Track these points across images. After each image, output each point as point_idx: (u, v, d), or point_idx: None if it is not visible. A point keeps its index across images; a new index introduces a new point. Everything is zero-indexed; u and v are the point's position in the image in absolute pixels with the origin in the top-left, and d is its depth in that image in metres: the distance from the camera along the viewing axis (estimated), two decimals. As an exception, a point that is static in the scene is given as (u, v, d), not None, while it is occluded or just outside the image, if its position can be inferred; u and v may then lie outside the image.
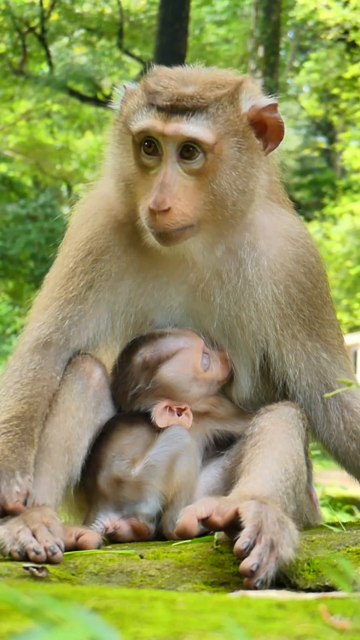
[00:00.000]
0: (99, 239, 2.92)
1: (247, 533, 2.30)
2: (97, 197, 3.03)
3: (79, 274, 2.90)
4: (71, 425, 2.77)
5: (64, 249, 3.00)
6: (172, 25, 18.83)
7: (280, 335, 2.91)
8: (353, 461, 2.95)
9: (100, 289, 2.89)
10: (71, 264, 2.92)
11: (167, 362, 2.89)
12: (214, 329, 2.92)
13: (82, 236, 2.94)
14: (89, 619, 1.23)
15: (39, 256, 25.46)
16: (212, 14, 29.33)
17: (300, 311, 2.91)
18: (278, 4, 19.59)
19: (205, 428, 2.93)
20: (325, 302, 2.97)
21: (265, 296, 2.89)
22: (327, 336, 2.95)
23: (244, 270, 2.88)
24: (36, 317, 2.93)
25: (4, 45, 27.56)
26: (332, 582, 2.36)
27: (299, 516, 2.71)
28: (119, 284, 2.90)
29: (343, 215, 29.18)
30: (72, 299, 2.88)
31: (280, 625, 1.50)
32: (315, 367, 2.92)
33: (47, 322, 2.88)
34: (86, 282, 2.89)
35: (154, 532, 2.78)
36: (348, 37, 26.63)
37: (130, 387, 2.90)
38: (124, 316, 2.91)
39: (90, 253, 2.91)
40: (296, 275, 2.92)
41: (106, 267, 2.89)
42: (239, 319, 2.90)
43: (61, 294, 2.90)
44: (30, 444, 2.63)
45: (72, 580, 2.33)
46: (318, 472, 3.32)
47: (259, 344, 2.92)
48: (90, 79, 27.11)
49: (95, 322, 2.90)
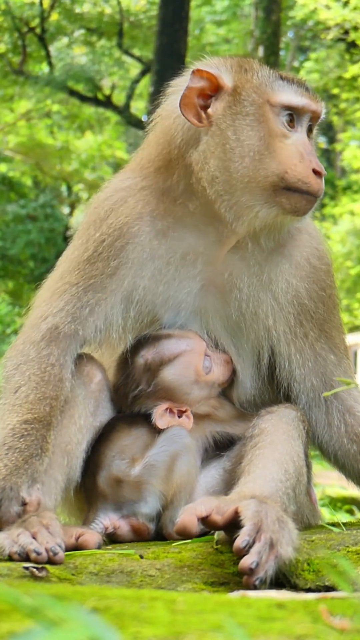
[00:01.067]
0: (132, 223, 2.86)
1: (247, 531, 2.30)
2: (121, 187, 2.95)
3: (104, 259, 2.83)
4: (72, 431, 2.76)
5: (88, 232, 2.90)
6: (172, 25, 18.81)
7: (293, 333, 2.91)
8: (353, 464, 2.96)
9: (122, 277, 2.84)
10: (98, 248, 2.84)
11: (169, 364, 2.89)
12: (223, 324, 2.91)
13: (114, 222, 2.87)
14: (89, 619, 1.23)
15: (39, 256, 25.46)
16: (212, 14, 29.33)
17: (317, 310, 2.93)
18: (278, 4, 19.58)
19: (205, 430, 2.93)
20: (336, 304, 3.01)
21: (286, 291, 2.91)
22: (335, 339, 2.97)
23: (270, 263, 2.89)
24: (50, 302, 2.85)
25: (4, 45, 27.55)
26: (332, 582, 2.36)
27: (300, 517, 2.71)
28: (141, 272, 2.85)
29: (343, 215, 29.20)
30: (90, 286, 2.82)
31: (280, 625, 1.50)
32: (322, 368, 2.93)
33: (65, 310, 2.81)
34: (111, 268, 2.83)
35: (154, 532, 2.78)
36: (348, 37, 26.64)
37: (132, 389, 2.90)
38: (138, 307, 2.86)
39: (119, 238, 2.85)
40: (318, 272, 2.95)
41: (134, 253, 2.84)
42: (255, 313, 2.89)
43: (79, 280, 2.83)
44: (45, 452, 2.61)
45: (72, 580, 2.33)
46: (318, 472, 3.32)
47: (268, 342, 2.92)
48: (90, 79, 27.09)
49: (110, 311, 2.84)
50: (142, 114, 29.46)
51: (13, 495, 2.49)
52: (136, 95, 30.42)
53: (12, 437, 2.60)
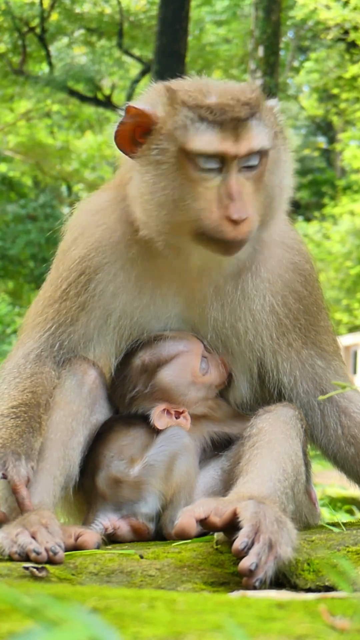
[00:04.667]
0: (93, 257, 2.84)
1: (245, 533, 2.29)
2: (90, 212, 2.92)
3: (72, 297, 2.85)
4: (62, 417, 2.75)
5: (57, 268, 2.92)
6: (172, 25, 18.81)
7: (276, 344, 2.90)
8: (352, 466, 2.96)
9: (93, 309, 2.85)
10: (64, 285, 2.86)
11: (166, 365, 2.89)
12: (211, 337, 2.92)
13: (75, 255, 2.86)
14: (89, 619, 1.23)
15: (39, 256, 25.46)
16: (212, 14, 29.33)
17: (297, 320, 2.91)
18: (278, 4, 19.56)
19: (202, 430, 2.93)
20: (320, 308, 2.97)
21: (262, 307, 2.88)
22: (322, 343, 2.95)
23: (242, 282, 2.87)
24: (28, 334, 2.91)
25: (4, 45, 27.56)
26: (332, 582, 2.36)
27: (298, 516, 2.71)
28: (113, 301, 2.85)
29: (343, 215, 29.23)
30: (62, 323, 2.85)
31: (280, 625, 1.50)
32: (311, 374, 2.93)
33: (39, 343, 2.86)
34: (79, 304, 2.84)
35: (154, 532, 2.78)
36: (348, 37, 26.65)
37: (129, 390, 2.90)
38: (117, 330, 2.87)
39: (83, 273, 2.84)
40: (293, 284, 2.91)
41: (100, 286, 2.84)
42: (235, 330, 2.89)
43: (53, 316, 2.86)
44: (38, 431, 2.64)
45: (72, 580, 2.33)
46: (318, 472, 3.32)
47: (255, 353, 2.91)
48: (90, 79, 27.11)
49: (86, 340, 2.87)
50: (142, 114, 29.39)
51: (16, 459, 2.52)
52: (136, 95, 30.33)
53: (1, 420, 2.63)
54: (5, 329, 25.60)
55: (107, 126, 31.18)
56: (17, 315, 25.51)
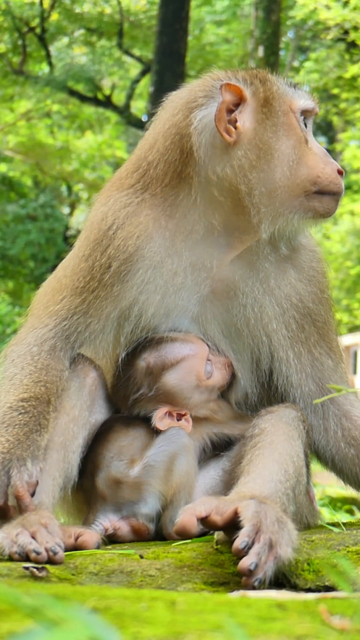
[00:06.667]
0: (142, 245, 2.83)
1: (246, 532, 2.29)
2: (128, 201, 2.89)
3: (107, 286, 2.82)
4: (65, 422, 2.76)
5: (93, 253, 2.86)
6: (172, 25, 18.81)
7: (295, 337, 2.94)
8: (351, 467, 2.96)
9: (121, 299, 2.83)
10: (105, 275, 2.83)
11: (172, 369, 2.88)
12: (224, 331, 2.92)
13: (120, 242, 2.84)
14: (89, 619, 1.23)
15: (39, 256, 25.48)
16: (212, 14, 29.31)
17: (318, 312, 2.96)
18: (278, 4, 19.58)
19: (202, 432, 2.93)
20: (331, 306, 3.03)
21: (290, 295, 2.93)
22: (332, 343, 2.99)
23: (277, 267, 2.92)
24: (41, 319, 2.87)
25: (4, 45, 27.55)
26: (332, 582, 2.36)
27: (299, 517, 2.71)
28: (144, 289, 2.84)
29: (343, 215, 29.19)
30: (82, 310, 2.83)
31: (280, 625, 1.50)
32: (319, 373, 2.95)
33: (54, 332, 2.83)
34: (112, 293, 2.82)
35: (154, 532, 2.78)
36: (348, 37, 26.63)
37: (132, 392, 2.89)
38: (135, 321, 2.86)
39: (126, 262, 2.82)
40: (318, 275, 2.98)
41: (139, 277, 2.82)
42: (258, 319, 2.90)
43: (75, 304, 2.84)
44: (45, 429, 2.64)
45: (72, 580, 2.33)
46: (318, 472, 3.32)
47: (268, 347, 2.92)
48: (90, 79, 27.10)
49: (102, 331, 2.85)
50: (142, 114, 29.46)
51: (21, 464, 2.52)
52: (136, 95, 30.43)
53: (10, 415, 2.63)
54: (5, 329, 25.58)
55: (107, 126, 31.20)
56: (17, 315, 25.50)
